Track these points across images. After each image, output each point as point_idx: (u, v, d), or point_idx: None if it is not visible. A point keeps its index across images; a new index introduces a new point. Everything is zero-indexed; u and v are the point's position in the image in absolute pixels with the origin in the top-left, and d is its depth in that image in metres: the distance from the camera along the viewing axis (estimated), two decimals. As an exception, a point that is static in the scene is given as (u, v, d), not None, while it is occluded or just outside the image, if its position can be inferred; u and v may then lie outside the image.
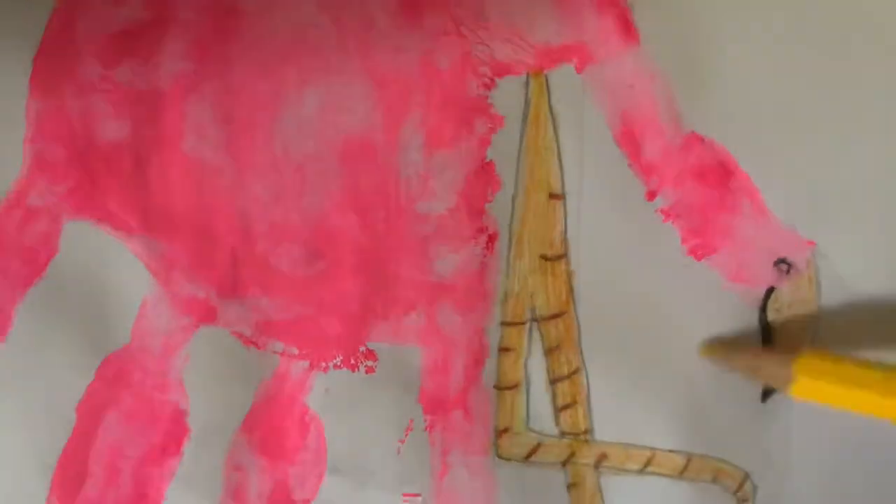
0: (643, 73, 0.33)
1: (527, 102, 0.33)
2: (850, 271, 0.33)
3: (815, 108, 0.33)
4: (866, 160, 0.33)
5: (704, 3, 0.32)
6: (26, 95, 0.33)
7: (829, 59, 0.32)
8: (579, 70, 0.33)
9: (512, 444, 0.34)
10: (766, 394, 0.34)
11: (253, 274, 0.34)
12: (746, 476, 0.34)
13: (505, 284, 0.34)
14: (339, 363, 0.34)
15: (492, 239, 0.34)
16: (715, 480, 0.34)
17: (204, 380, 0.34)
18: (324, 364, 0.34)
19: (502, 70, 0.33)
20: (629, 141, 0.33)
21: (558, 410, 0.34)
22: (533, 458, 0.34)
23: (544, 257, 0.34)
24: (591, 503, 0.34)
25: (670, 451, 0.34)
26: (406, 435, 0.34)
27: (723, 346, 0.33)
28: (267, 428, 0.34)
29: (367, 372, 0.34)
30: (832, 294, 0.33)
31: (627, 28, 0.32)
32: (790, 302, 0.34)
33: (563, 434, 0.34)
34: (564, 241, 0.33)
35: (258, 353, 0.34)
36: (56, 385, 0.34)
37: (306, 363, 0.34)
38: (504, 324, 0.34)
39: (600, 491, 0.34)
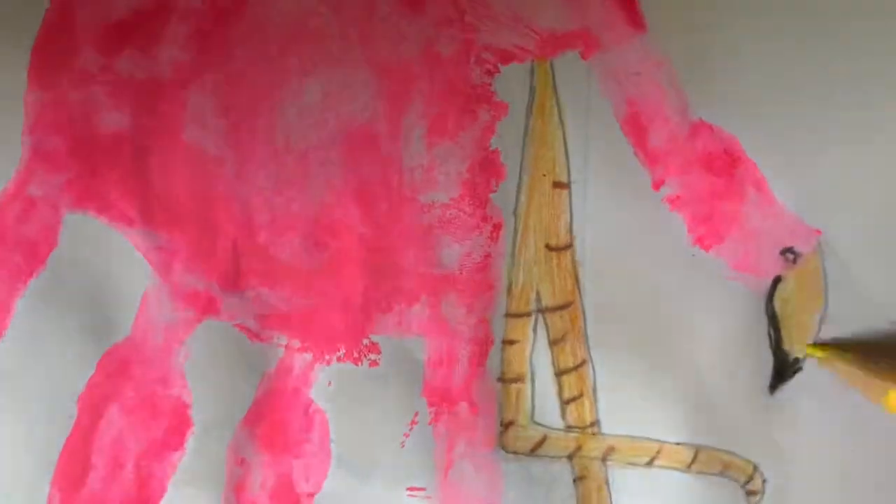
0: (650, 60, 0.32)
1: (531, 90, 0.32)
2: (856, 260, 0.33)
3: (823, 96, 0.32)
4: (873, 149, 0.32)
5: (712, -10, 0.32)
6: (25, 87, 0.33)
7: (837, 49, 0.32)
8: (585, 57, 0.32)
9: (517, 437, 0.34)
10: (774, 385, 0.34)
11: (255, 265, 0.33)
12: (755, 468, 0.34)
13: (510, 275, 0.33)
14: (342, 356, 0.34)
15: (496, 229, 0.33)
16: (723, 473, 0.34)
17: (207, 373, 0.34)
18: (327, 357, 0.34)
19: (506, 57, 0.32)
20: (635, 129, 0.33)
21: (564, 403, 0.34)
22: (539, 452, 0.34)
23: (550, 247, 0.33)
24: (599, 497, 0.34)
25: (678, 443, 0.34)
26: (410, 428, 0.34)
27: (831, 346, 0.33)
28: (270, 421, 0.34)
29: (370, 365, 0.34)
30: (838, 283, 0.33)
31: (634, 14, 0.32)
32: (797, 291, 0.33)
33: (569, 427, 0.34)
34: (570, 230, 0.33)
35: (261, 346, 0.34)
36: (57, 378, 0.33)
37: (309, 356, 0.34)
38: (509, 315, 0.34)
39: (607, 484, 0.34)
